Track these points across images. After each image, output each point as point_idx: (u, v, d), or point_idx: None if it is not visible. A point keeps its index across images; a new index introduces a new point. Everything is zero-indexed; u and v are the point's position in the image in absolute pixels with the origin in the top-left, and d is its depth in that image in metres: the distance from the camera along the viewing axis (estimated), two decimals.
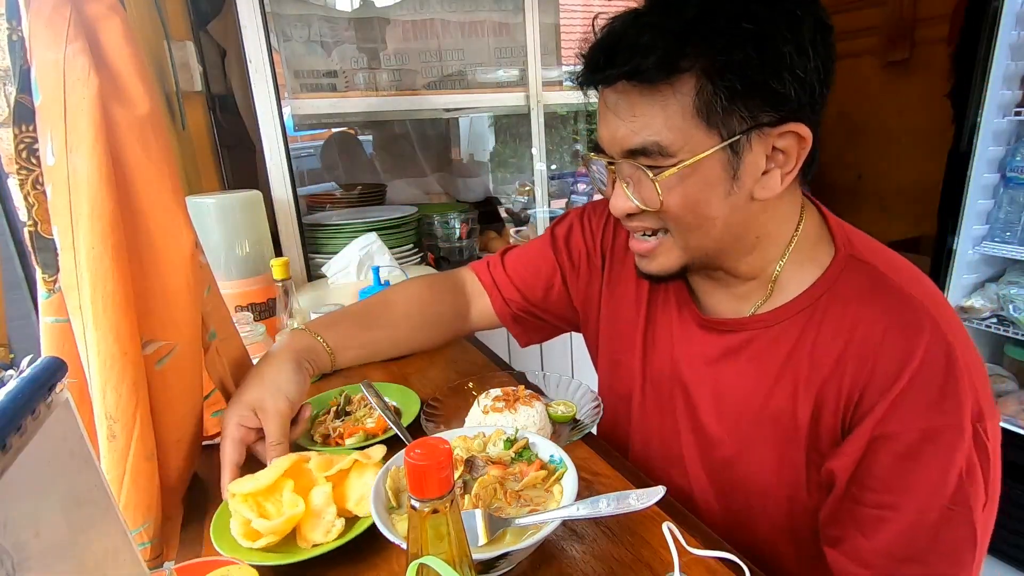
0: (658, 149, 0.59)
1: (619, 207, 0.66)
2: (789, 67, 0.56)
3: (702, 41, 0.55)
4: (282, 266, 1.07)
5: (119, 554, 0.43)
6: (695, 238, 0.66)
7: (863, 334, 0.62)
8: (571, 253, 0.92)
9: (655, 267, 0.70)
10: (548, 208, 1.93)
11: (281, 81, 1.61)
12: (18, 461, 0.33)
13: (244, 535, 0.61)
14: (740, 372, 0.71)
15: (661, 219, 0.65)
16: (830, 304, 0.65)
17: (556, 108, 2.50)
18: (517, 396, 0.86)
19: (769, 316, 0.69)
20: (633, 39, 0.57)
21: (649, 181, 0.61)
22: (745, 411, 0.71)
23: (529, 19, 1.71)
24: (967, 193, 1.84)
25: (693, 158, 0.59)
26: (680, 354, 0.77)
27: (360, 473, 0.68)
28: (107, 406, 0.61)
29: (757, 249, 0.68)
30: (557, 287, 0.93)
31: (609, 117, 0.63)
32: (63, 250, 0.61)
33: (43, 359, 0.38)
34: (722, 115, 0.57)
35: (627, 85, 0.59)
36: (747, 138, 0.59)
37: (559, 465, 0.66)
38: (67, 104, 0.59)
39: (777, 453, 0.68)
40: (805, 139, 0.60)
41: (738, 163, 0.60)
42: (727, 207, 0.62)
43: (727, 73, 0.56)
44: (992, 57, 1.70)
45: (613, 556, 0.61)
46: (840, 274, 0.66)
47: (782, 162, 0.61)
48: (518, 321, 0.96)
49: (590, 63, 0.62)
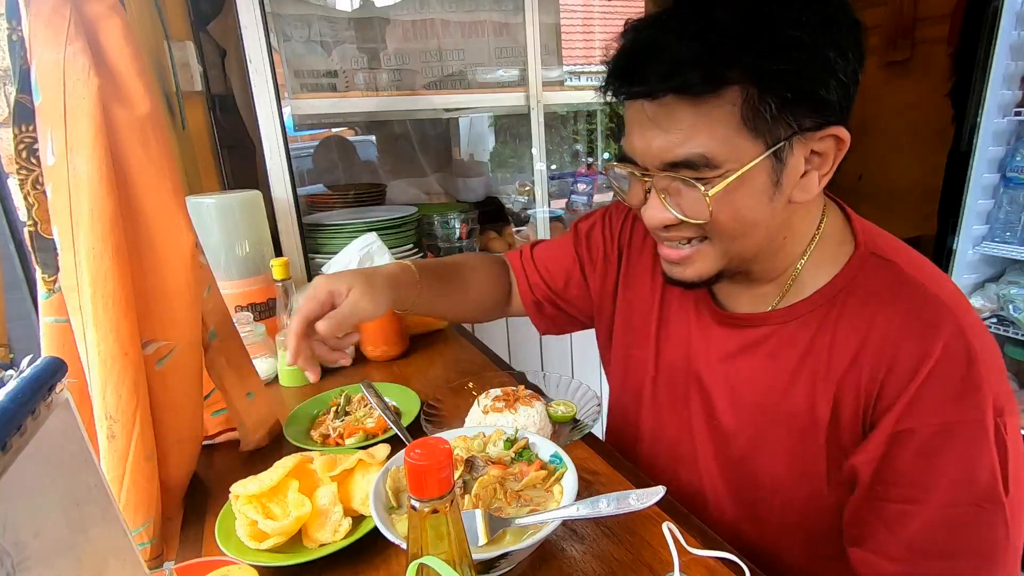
0: (704, 161, 0.58)
1: (657, 219, 0.64)
2: (834, 72, 0.55)
3: (750, 50, 0.54)
4: (282, 266, 1.07)
5: (119, 554, 0.43)
6: (737, 245, 0.65)
7: (882, 330, 0.62)
8: (591, 247, 0.93)
9: (691, 274, 0.68)
10: (548, 208, 1.93)
11: (281, 81, 1.61)
12: (18, 461, 0.33)
13: (250, 536, 0.61)
14: (757, 368, 0.71)
15: (703, 229, 0.63)
16: (849, 300, 0.65)
17: (556, 108, 2.50)
18: (517, 396, 0.86)
19: (787, 312, 0.69)
20: (673, 50, 0.55)
21: (692, 193, 0.60)
22: (762, 407, 0.70)
23: (529, 19, 1.71)
24: (967, 193, 1.84)
25: (741, 169, 0.57)
26: (696, 349, 0.77)
27: (365, 472, 0.68)
28: (107, 406, 0.61)
29: (783, 249, 0.68)
30: (576, 278, 0.95)
31: (646, 128, 0.60)
32: (63, 250, 0.61)
33: (43, 359, 0.38)
34: (770, 124, 0.56)
35: (665, 99, 0.57)
36: (789, 144, 0.58)
37: (559, 465, 0.66)
38: (67, 104, 0.59)
39: (794, 450, 0.68)
40: (844, 141, 0.59)
41: (781, 169, 0.59)
42: (769, 212, 0.62)
43: (776, 82, 0.54)
44: (992, 57, 1.70)
45: (613, 556, 0.61)
46: (859, 271, 0.66)
47: (818, 164, 0.61)
48: (539, 307, 0.98)
49: (625, 74, 0.60)
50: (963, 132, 1.80)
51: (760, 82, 0.54)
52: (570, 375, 0.96)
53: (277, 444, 0.86)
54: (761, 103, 0.55)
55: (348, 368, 1.17)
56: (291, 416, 0.91)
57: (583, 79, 3.11)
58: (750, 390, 0.72)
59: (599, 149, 2.99)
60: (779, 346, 0.69)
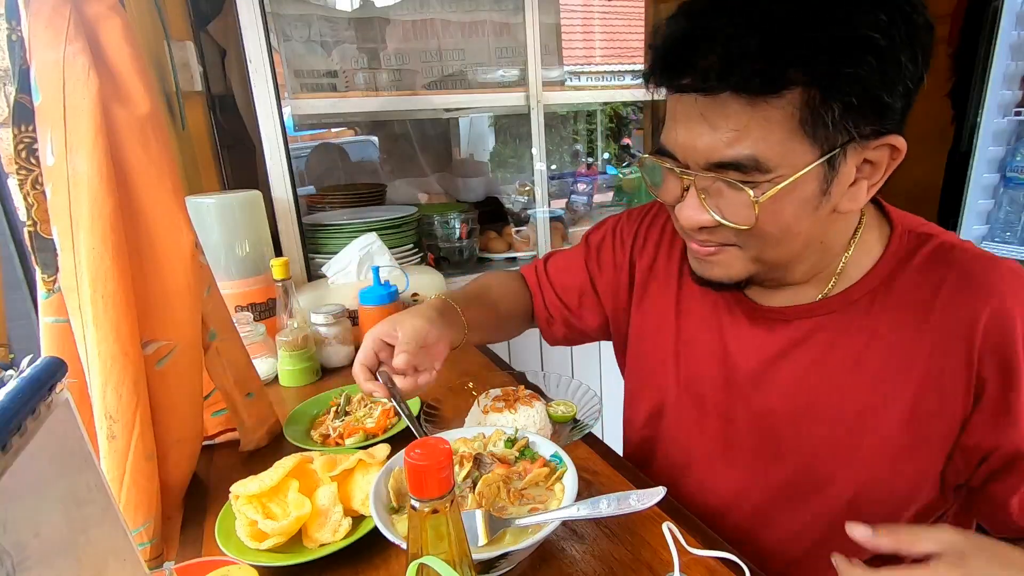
0: (754, 164, 0.53)
1: (694, 220, 0.59)
2: (902, 78, 0.51)
3: (819, 50, 0.49)
4: (282, 266, 1.07)
5: (119, 554, 0.43)
6: (773, 252, 0.61)
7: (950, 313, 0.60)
8: (601, 262, 0.91)
9: (718, 273, 0.65)
10: (548, 208, 1.92)
11: (281, 81, 1.61)
12: (18, 461, 0.33)
13: (250, 536, 0.61)
14: (810, 365, 0.67)
15: (741, 235, 0.59)
16: (900, 277, 0.63)
17: (556, 108, 2.50)
18: (517, 396, 0.86)
19: (838, 299, 0.65)
20: (734, 42, 0.50)
21: (737, 197, 0.56)
22: (820, 407, 0.66)
23: (529, 19, 1.71)
24: (967, 193, 1.84)
25: (794, 175, 0.53)
26: (733, 355, 0.73)
27: (365, 472, 0.68)
28: (107, 406, 0.61)
29: (821, 252, 0.64)
30: (589, 295, 0.92)
31: (693, 123, 0.55)
32: (63, 251, 0.60)
33: (43, 359, 0.38)
34: (829, 129, 0.52)
35: (725, 93, 0.52)
36: (843, 151, 0.54)
37: (559, 464, 0.66)
38: (67, 104, 0.59)
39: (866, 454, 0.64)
40: (900, 151, 0.56)
41: (833, 177, 0.55)
42: (811, 221, 0.58)
43: (843, 86, 0.50)
44: (992, 57, 1.70)
45: (613, 556, 0.61)
46: (902, 248, 0.64)
47: (869, 173, 0.57)
48: (550, 324, 0.95)
49: (676, 65, 0.55)
50: (963, 132, 1.80)
51: (826, 85, 0.50)
52: (570, 375, 0.96)
53: (277, 444, 0.86)
54: (823, 107, 0.51)
55: (348, 368, 1.17)
56: (291, 416, 0.91)
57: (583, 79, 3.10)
58: (804, 391, 0.67)
59: (599, 149, 2.99)
60: (835, 337, 0.65)
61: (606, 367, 1.88)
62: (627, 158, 3.99)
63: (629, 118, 4.96)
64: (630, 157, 3.99)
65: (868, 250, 0.65)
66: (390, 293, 1.14)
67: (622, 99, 2.30)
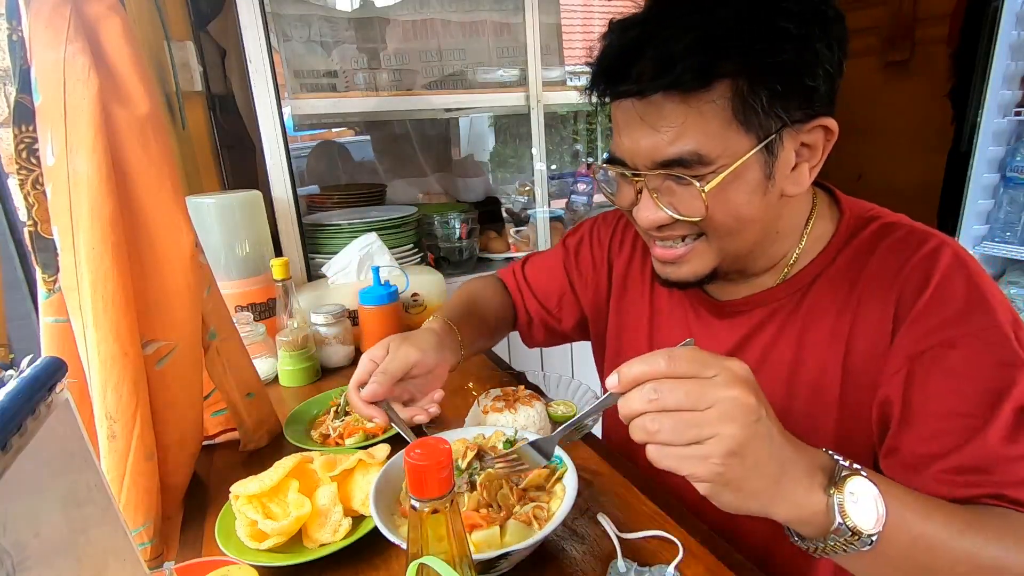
0: (696, 158, 0.57)
1: (650, 220, 0.63)
2: (821, 63, 0.55)
3: (741, 44, 0.53)
4: (282, 266, 1.07)
5: (119, 554, 0.43)
6: (733, 242, 0.64)
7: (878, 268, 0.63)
8: (579, 263, 0.93)
9: (686, 273, 0.67)
10: (548, 208, 1.92)
11: (281, 81, 1.61)
12: (18, 461, 0.33)
13: (250, 536, 0.61)
14: (768, 346, 0.70)
15: (698, 226, 0.63)
16: (841, 257, 0.66)
17: (556, 108, 2.49)
18: (517, 396, 0.86)
19: (788, 284, 0.69)
20: (663, 46, 0.54)
21: (686, 191, 0.60)
22: (779, 384, 0.69)
23: (529, 19, 1.71)
24: (967, 193, 1.84)
25: (734, 163, 0.57)
26: (702, 348, 0.76)
27: (365, 472, 0.68)
28: (107, 406, 0.61)
29: (777, 241, 0.68)
30: (568, 297, 0.94)
31: (635, 128, 0.59)
32: (63, 250, 0.61)
33: (43, 359, 0.38)
34: (761, 117, 0.56)
35: (655, 96, 0.56)
36: (780, 136, 0.58)
37: (559, 465, 0.66)
38: (67, 104, 0.59)
39: (814, 424, 0.66)
40: (833, 132, 0.60)
41: (773, 162, 0.59)
42: (763, 206, 0.61)
43: (767, 74, 0.54)
44: (992, 57, 1.70)
45: (613, 555, 0.61)
46: (848, 231, 0.67)
47: (808, 156, 0.61)
48: (531, 326, 0.98)
49: (612, 74, 0.59)
50: (963, 132, 1.80)
51: (751, 74, 0.54)
52: (570, 375, 0.96)
53: (277, 444, 0.86)
54: (752, 96, 0.55)
55: (348, 368, 1.17)
56: (291, 416, 0.91)
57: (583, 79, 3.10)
58: (762, 377, 0.69)
59: (599, 149, 2.99)
60: (785, 320, 0.69)
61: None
62: None
63: None
64: None
65: (819, 237, 0.68)
66: (390, 293, 1.14)
67: None
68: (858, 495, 0.45)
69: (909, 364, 0.59)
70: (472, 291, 0.99)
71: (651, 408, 0.44)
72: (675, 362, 0.45)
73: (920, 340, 0.58)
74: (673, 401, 0.43)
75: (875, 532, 0.45)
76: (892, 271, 0.62)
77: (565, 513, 0.59)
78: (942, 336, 0.57)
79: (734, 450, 0.42)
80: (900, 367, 0.59)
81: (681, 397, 0.43)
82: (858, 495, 0.45)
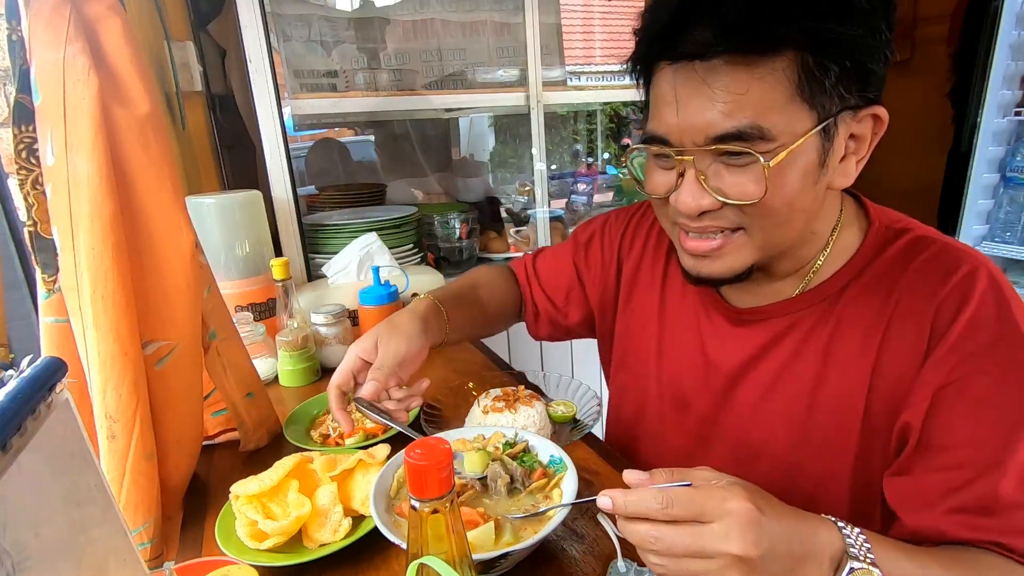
0: (758, 132, 0.52)
1: (692, 206, 0.57)
2: (881, 46, 0.53)
3: (812, 11, 0.50)
4: (282, 266, 1.07)
5: (119, 554, 0.43)
6: (778, 234, 0.59)
7: (912, 287, 0.59)
8: (589, 259, 0.92)
9: (720, 268, 0.62)
10: (548, 208, 1.92)
11: (281, 81, 1.61)
12: (18, 461, 0.33)
13: (250, 536, 0.61)
14: (786, 361, 0.67)
15: (745, 214, 0.57)
16: (870, 271, 0.63)
17: (556, 108, 2.50)
18: (517, 396, 0.86)
19: (811, 295, 0.65)
20: (726, 7, 0.50)
21: (739, 173, 0.55)
22: (796, 402, 0.66)
23: (529, 19, 1.71)
24: (967, 193, 1.84)
25: (795, 142, 0.53)
26: (714, 356, 0.73)
27: (365, 472, 0.68)
28: (107, 406, 0.61)
29: (809, 243, 0.64)
30: (576, 292, 0.93)
31: (688, 99, 0.54)
32: (63, 251, 0.60)
33: (43, 359, 0.38)
34: (825, 93, 0.52)
35: (718, 61, 0.51)
36: (835, 121, 0.54)
37: (559, 467, 0.66)
38: (67, 104, 0.59)
39: (836, 442, 0.64)
40: (883, 121, 0.57)
41: (829, 148, 0.55)
42: (812, 197, 0.57)
43: (834, 49, 0.51)
44: (992, 57, 1.70)
45: (613, 556, 0.61)
46: (877, 243, 0.64)
47: (855, 148, 0.58)
48: (537, 319, 0.96)
49: (669, 35, 0.54)
50: (963, 132, 1.80)
51: (818, 46, 0.51)
52: (570, 375, 0.96)
53: (277, 444, 0.86)
54: (819, 69, 0.51)
55: None
56: (291, 416, 0.91)
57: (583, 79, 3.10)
58: (782, 389, 0.67)
59: (599, 149, 2.99)
60: (809, 331, 0.65)
61: None
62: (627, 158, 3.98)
63: (629, 118, 4.95)
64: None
65: (845, 245, 0.66)
66: (390, 293, 1.14)
67: (622, 99, 2.30)
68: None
69: (935, 393, 0.57)
70: (477, 277, 0.97)
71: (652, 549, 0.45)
72: (671, 508, 0.44)
73: (950, 371, 0.56)
74: (671, 550, 0.44)
75: None
76: (927, 293, 0.59)
77: (565, 513, 0.59)
78: (970, 367, 0.55)
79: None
80: (926, 396, 0.57)
81: (680, 549, 0.44)
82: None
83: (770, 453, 0.69)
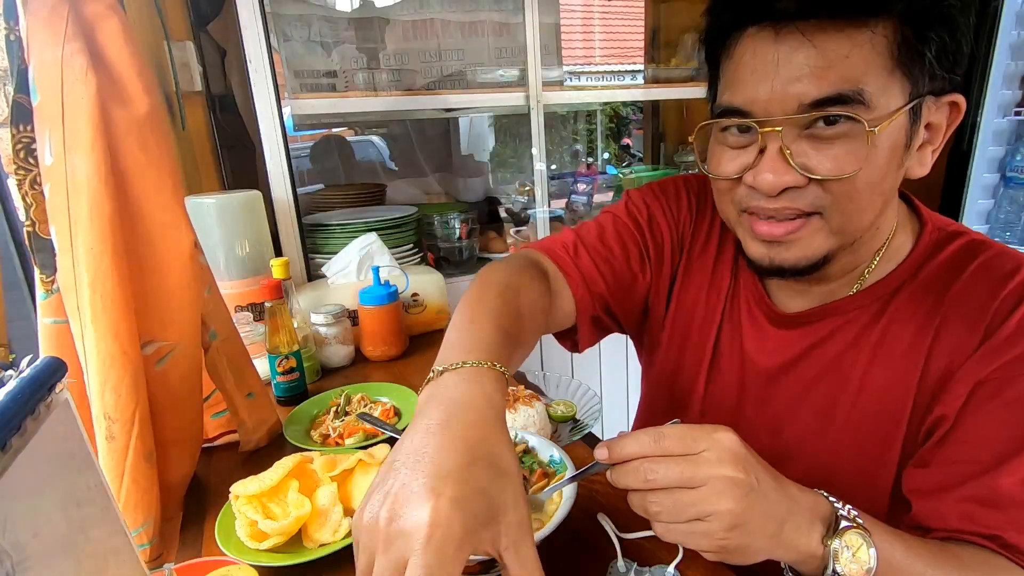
0: (859, 97, 0.49)
1: (775, 183, 0.53)
2: (970, 30, 0.50)
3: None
4: (282, 266, 1.07)
5: (119, 554, 0.43)
6: (855, 220, 0.55)
7: (967, 290, 0.58)
8: (654, 235, 0.77)
9: (795, 256, 0.58)
10: (548, 208, 1.92)
11: (281, 81, 1.61)
12: (18, 461, 0.33)
13: (250, 536, 0.61)
14: (828, 366, 0.65)
15: (829, 193, 0.53)
16: (922, 273, 0.62)
17: (556, 108, 2.50)
18: (517, 396, 0.86)
19: (862, 296, 0.63)
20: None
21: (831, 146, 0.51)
22: (834, 409, 0.64)
23: (529, 19, 1.71)
24: (967, 193, 1.84)
25: (890, 116, 0.49)
26: (751, 355, 0.70)
27: (365, 472, 0.68)
28: (106, 406, 0.61)
29: (872, 239, 0.61)
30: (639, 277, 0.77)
31: (779, 65, 0.50)
32: (61, 251, 0.60)
33: (43, 359, 0.38)
34: (922, 69, 0.49)
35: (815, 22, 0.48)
36: (923, 101, 0.51)
37: (559, 467, 0.66)
38: (65, 104, 0.59)
39: (884, 437, 0.62)
40: (961, 110, 0.54)
41: (915, 130, 0.52)
42: (892, 183, 0.54)
43: (936, 20, 0.48)
44: (992, 57, 1.70)
45: (613, 556, 0.61)
46: (930, 246, 0.63)
47: (931, 138, 0.55)
48: (595, 322, 0.77)
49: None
50: (963, 132, 1.80)
51: (920, 15, 0.48)
52: (570, 375, 0.96)
53: (277, 444, 0.86)
54: (920, 42, 0.49)
55: (348, 368, 1.17)
56: (291, 416, 0.91)
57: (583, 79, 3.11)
58: (830, 383, 0.65)
59: (599, 149, 2.99)
60: (861, 330, 0.63)
61: (606, 367, 1.88)
62: (627, 158, 3.99)
63: (629, 118, 4.96)
64: (630, 157, 3.98)
65: (899, 246, 0.64)
66: (390, 293, 1.14)
67: (622, 99, 2.30)
68: (852, 547, 0.47)
69: (974, 387, 0.56)
70: (519, 304, 0.64)
71: (645, 487, 0.45)
72: (663, 441, 0.45)
73: (993, 369, 0.55)
74: (666, 480, 0.45)
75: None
76: (983, 297, 0.58)
77: (564, 513, 0.59)
78: (1015, 370, 0.55)
79: (734, 523, 0.44)
80: (965, 389, 0.56)
81: (674, 477, 0.44)
82: (852, 547, 0.47)
83: (806, 452, 0.68)
